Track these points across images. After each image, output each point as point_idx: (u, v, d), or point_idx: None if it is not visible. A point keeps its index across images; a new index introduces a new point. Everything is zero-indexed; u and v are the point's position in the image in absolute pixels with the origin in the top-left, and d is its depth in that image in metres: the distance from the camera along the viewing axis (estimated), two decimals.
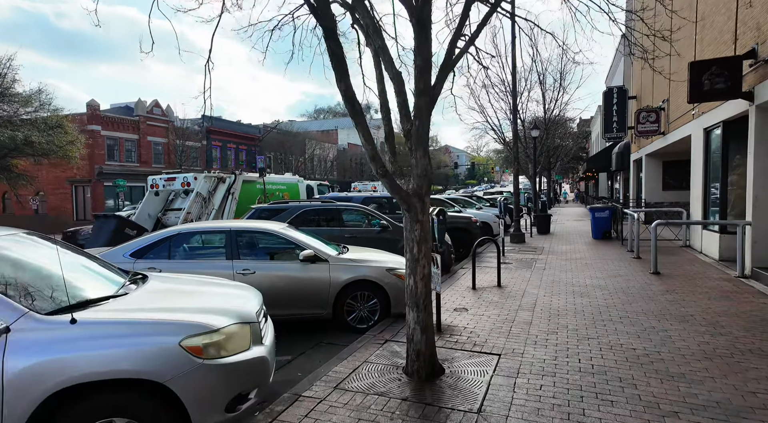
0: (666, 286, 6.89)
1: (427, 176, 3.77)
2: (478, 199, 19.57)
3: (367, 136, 3.52)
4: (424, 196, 3.78)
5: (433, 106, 3.74)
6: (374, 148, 3.57)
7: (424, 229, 3.82)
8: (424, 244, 3.81)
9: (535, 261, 9.71)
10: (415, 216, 3.75)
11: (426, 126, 3.68)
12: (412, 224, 3.77)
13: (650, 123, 14.26)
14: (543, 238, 14.23)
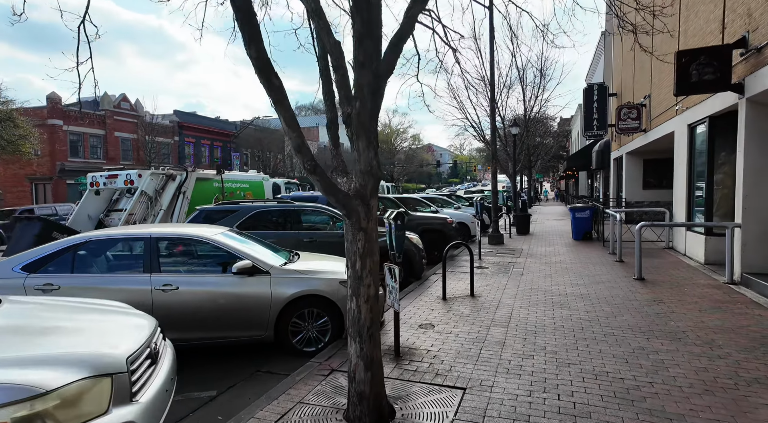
0: (652, 295, 6.31)
1: (372, 173, 3.01)
2: (458, 198, 18.96)
3: (289, 119, 2.73)
4: (369, 199, 3.02)
5: (379, 85, 2.98)
6: (300, 136, 2.79)
7: (370, 240, 3.06)
8: (369, 257, 3.05)
9: (512, 265, 9.08)
10: (357, 223, 2.99)
11: (370, 109, 2.91)
12: (353, 233, 3.01)
13: (631, 120, 13.84)
14: (522, 238, 13.68)
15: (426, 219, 10.17)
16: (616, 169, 20.15)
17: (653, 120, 12.63)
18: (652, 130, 12.83)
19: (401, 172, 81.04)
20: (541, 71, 18.77)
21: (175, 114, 38.85)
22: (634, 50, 15.93)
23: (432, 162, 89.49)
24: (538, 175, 47.33)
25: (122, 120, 32.69)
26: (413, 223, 10.00)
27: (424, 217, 10.23)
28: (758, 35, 6.41)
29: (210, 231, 4.92)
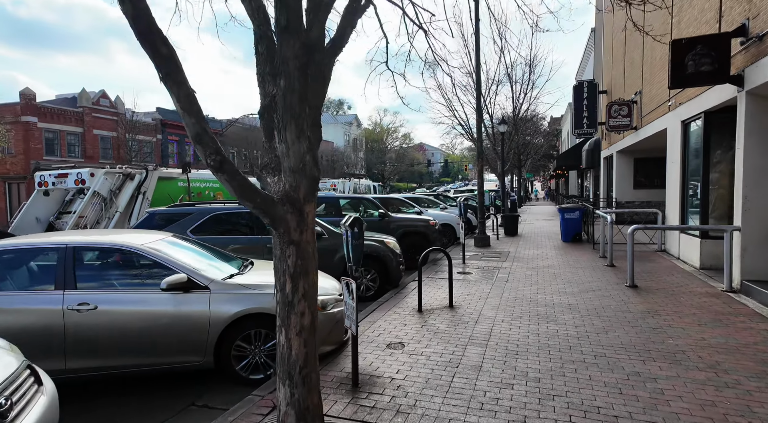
0: (646, 305, 5.78)
1: (306, 172, 2.39)
2: (445, 198, 18.40)
3: (184, 100, 2.09)
4: (302, 204, 2.40)
5: (313, 60, 2.36)
6: (200, 122, 2.15)
7: (304, 255, 2.44)
8: (303, 278, 2.43)
9: (497, 270, 8.51)
10: (287, 235, 2.37)
11: (299, 90, 2.29)
12: (282, 248, 2.39)
13: (622, 117, 13.38)
14: (510, 240, 13.15)
15: (407, 221, 9.58)
16: (607, 169, 19.76)
17: (644, 117, 12.17)
18: (643, 128, 12.37)
19: (392, 172, 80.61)
20: (530, 67, 18.28)
21: (158, 111, 37.80)
22: (625, 46, 15.52)
23: (423, 161, 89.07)
24: (528, 174, 47.06)
25: (101, 117, 31.64)
26: (393, 225, 9.40)
27: (405, 218, 9.63)
28: (759, 22, 5.90)
29: (145, 238, 4.26)
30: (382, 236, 7.43)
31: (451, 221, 12.61)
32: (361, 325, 5.22)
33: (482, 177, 11.95)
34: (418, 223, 9.63)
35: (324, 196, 9.28)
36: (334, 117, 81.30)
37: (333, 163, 64.87)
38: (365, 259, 6.83)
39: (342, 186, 21.13)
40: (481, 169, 11.85)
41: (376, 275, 6.91)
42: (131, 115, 34.36)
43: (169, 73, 2.01)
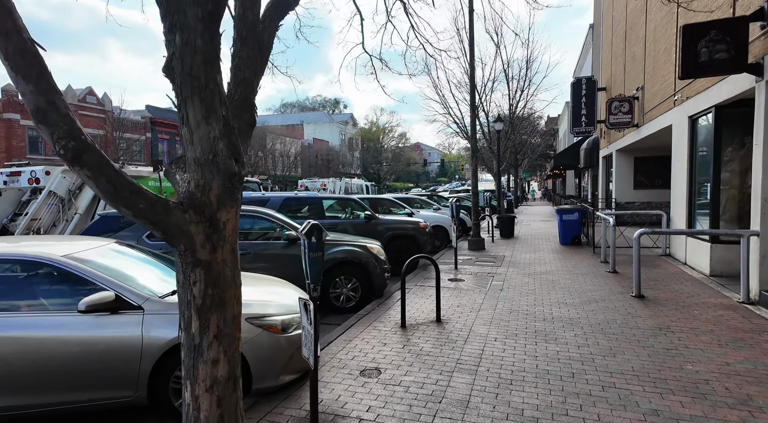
0: (657, 319, 5.16)
1: (219, 165, 1.74)
2: (439, 198, 17.78)
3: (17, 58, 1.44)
4: (214, 210, 1.75)
5: (248, 17, 1.71)
6: (44, 91, 1.49)
7: (217, 281, 1.79)
8: (216, 312, 1.79)
9: (492, 277, 7.89)
10: (192, 253, 1.72)
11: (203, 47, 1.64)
12: (185, 270, 1.74)
13: (623, 114, 12.79)
14: (506, 243, 12.54)
15: (396, 223, 8.93)
16: (606, 168, 19.20)
17: (647, 114, 11.58)
18: (645, 125, 11.78)
19: (388, 171, 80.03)
20: (528, 62, 17.68)
21: (147, 109, 37.01)
22: (625, 41, 14.93)
23: (419, 161, 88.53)
24: (525, 174, 46.59)
25: (88, 115, 30.81)
26: (381, 228, 8.76)
27: (393, 221, 8.99)
28: None
29: (74, 247, 3.60)
30: (366, 240, 6.80)
31: (444, 223, 11.97)
32: (335, 345, 4.58)
33: (476, 176, 11.33)
34: (408, 225, 8.99)
35: (306, 196, 8.64)
36: (329, 116, 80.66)
37: (328, 163, 64.26)
38: (346, 266, 6.21)
39: (332, 186, 20.46)
40: (475, 167, 11.23)
41: (357, 284, 6.27)
42: (119, 113, 33.61)
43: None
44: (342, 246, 6.27)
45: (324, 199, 9.00)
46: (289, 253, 6.07)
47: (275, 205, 8.19)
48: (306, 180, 21.62)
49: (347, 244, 6.34)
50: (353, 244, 6.39)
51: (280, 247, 6.18)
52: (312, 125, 73.90)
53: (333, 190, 20.13)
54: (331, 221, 8.50)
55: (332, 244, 6.25)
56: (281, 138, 50.50)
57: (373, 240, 7.08)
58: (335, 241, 6.33)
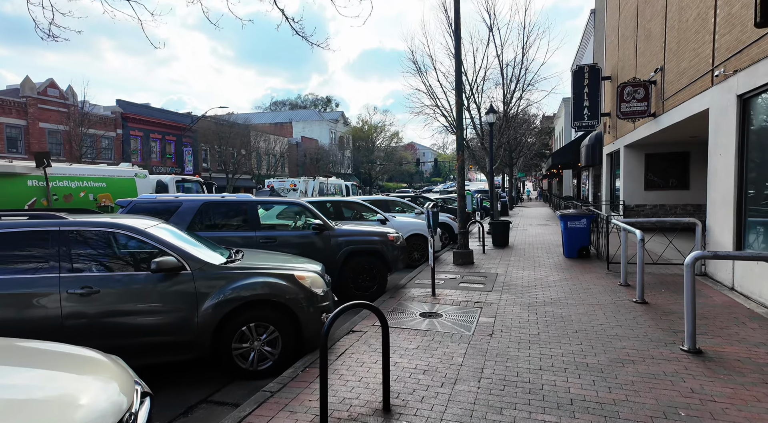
0: (735, 402, 3.15)
1: None
2: (425, 200, 15.70)
3: None
4: None
5: None
6: None
7: None
8: None
9: (479, 309, 5.85)
10: None
11: None
12: None
13: (637, 101, 10.82)
14: (499, 254, 10.52)
15: (355, 236, 6.86)
16: (610, 167, 17.27)
17: (668, 100, 9.61)
18: (665, 113, 9.81)
19: (380, 171, 77.93)
20: (524, 48, 15.68)
21: (118, 104, 34.65)
22: (637, 19, 12.95)
23: (411, 160, 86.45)
24: (520, 173, 44.72)
25: (49, 109, 28.50)
26: (334, 242, 6.70)
27: (353, 232, 6.92)
28: None
29: None
30: (300, 264, 4.75)
31: (425, 231, 9.93)
32: None
33: (463, 175, 9.29)
34: (372, 237, 6.92)
35: (235, 201, 6.51)
36: (319, 114, 78.47)
37: (317, 162, 62.10)
38: (258, 307, 4.17)
39: (304, 186, 18.26)
40: (462, 164, 9.19)
41: (276, 334, 4.20)
42: (90, 108, 31.26)
43: None
44: (254, 276, 4.21)
45: (262, 203, 6.91)
46: (153, 290, 3.98)
47: (188, 212, 6.09)
48: (274, 179, 19.33)
49: (264, 273, 4.27)
50: (274, 273, 4.32)
51: (141, 281, 4.08)
52: (301, 123, 71.75)
53: (305, 191, 17.95)
54: (267, 234, 6.41)
55: (240, 273, 4.19)
56: (265, 136, 48.21)
57: (312, 263, 5.02)
58: (247, 269, 4.27)
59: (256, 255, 5.02)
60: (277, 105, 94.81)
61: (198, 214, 6.16)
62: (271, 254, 5.30)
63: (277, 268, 4.41)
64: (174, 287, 3.92)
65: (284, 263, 4.72)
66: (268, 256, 5.08)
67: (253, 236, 6.27)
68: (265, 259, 4.87)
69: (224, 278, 4.11)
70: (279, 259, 4.94)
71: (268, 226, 6.78)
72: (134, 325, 3.82)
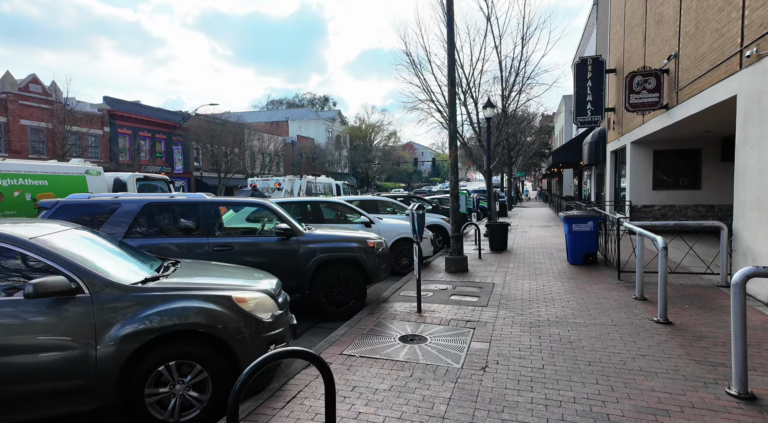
0: None
1: None
2: (420, 200, 14.73)
3: None
4: None
5: None
6: None
7: None
8: None
9: (471, 331, 4.91)
10: None
11: None
12: None
13: (648, 92, 9.88)
14: (497, 260, 9.58)
15: (329, 242, 5.91)
16: (615, 165, 16.34)
17: (684, 89, 8.67)
18: (680, 105, 8.88)
19: (378, 170, 76.93)
20: (523, 40, 14.72)
21: (106, 101, 33.63)
22: (646, 5, 11.99)
23: (409, 160, 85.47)
24: (519, 173, 43.80)
25: (31, 105, 27.50)
26: (304, 250, 5.75)
27: (326, 239, 5.96)
28: None
29: None
30: (247, 281, 3.81)
31: None
32: None
33: (457, 172, 8.32)
34: (348, 244, 5.96)
35: (186, 201, 5.53)
36: (315, 112, 77.50)
37: (313, 161, 61.12)
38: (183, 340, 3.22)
39: (289, 185, 17.24)
40: (454, 161, 8.24)
41: (205, 375, 3.25)
42: (74, 105, 30.26)
43: None
44: (178, 299, 3.25)
45: (224, 204, 5.95)
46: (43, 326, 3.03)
47: (126, 216, 5.12)
48: (257, 178, 18.25)
49: (191, 295, 3.31)
50: (205, 295, 3.36)
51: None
52: (297, 122, 70.73)
53: (290, 191, 16.94)
54: (222, 241, 5.45)
55: (161, 295, 3.23)
56: (259, 134, 47.20)
57: (264, 278, 4.07)
58: (171, 289, 3.32)
59: (194, 268, 4.06)
60: (274, 104, 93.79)
61: (139, 218, 5.19)
62: (215, 267, 4.35)
63: (212, 288, 3.46)
64: (63, 315, 2.96)
65: (225, 279, 3.77)
66: (210, 270, 4.13)
67: (204, 244, 5.31)
68: (204, 273, 3.92)
69: (137, 302, 3.16)
70: (222, 274, 3.98)
71: (226, 231, 5.81)
72: (6, 368, 2.86)
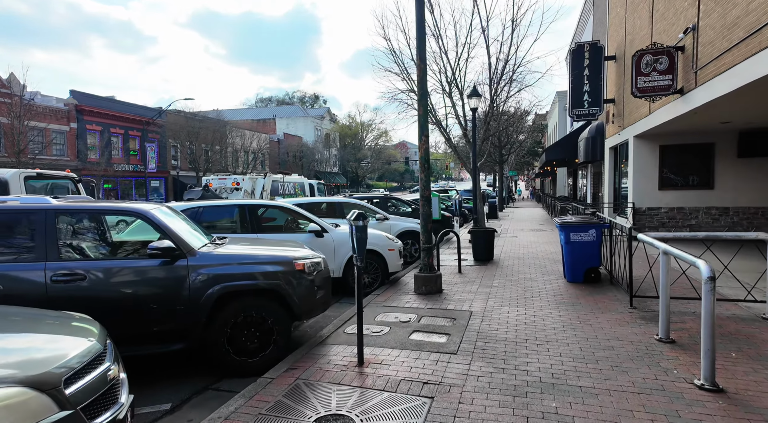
0: None
1: None
2: (399, 202, 13.07)
3: None
4: None
5: None
6: None
7: None
8: None
9: (426, 403, 3.26)
10: None
11: None
12: None
13: (659, 74, 8.31)
14: (479, 275, 7.96)
15: (236, 264, 4.22)
16: (614, 162, 14.82)
17: (705, 67, 7.10)
18: (700, 87, 7.31)
19: (368, 170, 75.25)
20: (513, 21, 13.10)
21: (72, 95, 31.59)
22: None
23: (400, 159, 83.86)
24: (511, 172, 42.34)
25: None
26: (199, 277, 4.06)
27: (233, 259, 4.27)
28: None
29: None
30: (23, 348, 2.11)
31: (380, 246, 7.35)
32: None
33: (429, 168, 6.66)
34: (263, 268, 4.27)
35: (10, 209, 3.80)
36: (303, 110, 75.62)
37: (300, 159, 59.30)
38: None
39: (250, 185, 15.32)
40: (426, 153, 6.55)
41: None
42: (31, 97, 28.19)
43: None
44: None
45: (69, 211, 4.21)
46: None
47: None
48: (213, 177, 16.28)
49: None
50: None
51: None
52: (285, 120, 68.83)
53: (252, 192, 15.03)
54: (67, 266, 3.74)
55: None
56: (241, 131, 45.30)
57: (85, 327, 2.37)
58: None
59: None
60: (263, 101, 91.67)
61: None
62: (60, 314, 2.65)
63: None
64: None
65: None
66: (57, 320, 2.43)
67: (39, 270, 3.61)
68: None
69: None
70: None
71: (80, 251, 4.10)
72: None
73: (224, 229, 6.91)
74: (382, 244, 7.38)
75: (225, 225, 6.97)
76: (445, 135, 14.74)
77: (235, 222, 6.93)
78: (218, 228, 6.88)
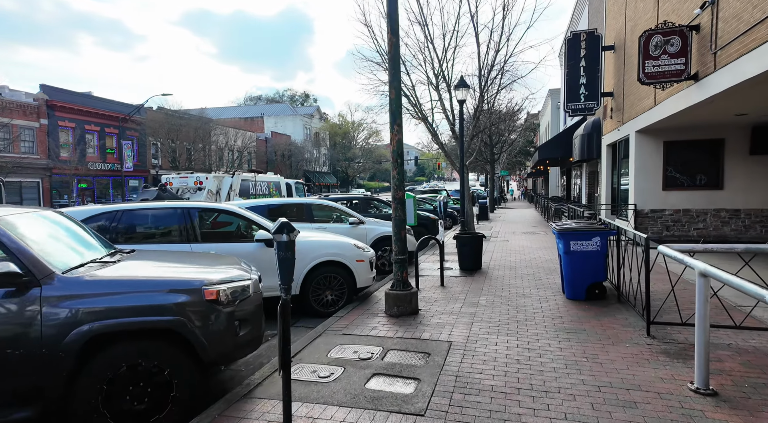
0: None
1: None
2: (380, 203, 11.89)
3: None
4: None
5: None
6: None
7: None
8: None
9: None
10: None
11: None
12: None
13: (669, 57, 7.26)
14: (464, 289, 6.84)
15: (121, 294, 3.03)
16: (612, 161, 13.81)
17: (727, 47, 6.04)
18: (719, 71, 6.25)
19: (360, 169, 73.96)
20: (504, 8, 12.00)
21: (43, 90, 29.96)
22: None
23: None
24: (503, 172, 41.39)
25: None
26: (62, 313, 2.85)
27: (112, 286, 3.08)
28: None
29: None
30: None
31: (346, 256, 6.18)
32: None
33: (402, 165, 5.54)
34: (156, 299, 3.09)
35: None
36: (292, 108, 74.16)
37: (288, 158, 57.89)
38: None
39: (214, 184, 13.97)
40: (399, 147, 5.42)
41: None
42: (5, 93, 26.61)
43: None
44: None
45: None
46: None
47: None
48: (174, 175, 14.84)
49: None
50: None
51: None
52: (273, 118, 67.29)
53: (215, 192, 13.70)
54: None
55: None
56: (225, 129, 43.83)
57: None
58: None
59: None
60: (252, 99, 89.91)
61: None
62: None
63: None
64: None
65: None
66: None
67: None
68: None
69: None
70: None
71: None
72: None
73: (154, 238, 5.70)
74: (350, 255, 6.21)
75: (155, 233, 5.75)
76: (431, 130, 13.64)
77: (169, 230, 5.72)
78: (146, 237, 5.67)
